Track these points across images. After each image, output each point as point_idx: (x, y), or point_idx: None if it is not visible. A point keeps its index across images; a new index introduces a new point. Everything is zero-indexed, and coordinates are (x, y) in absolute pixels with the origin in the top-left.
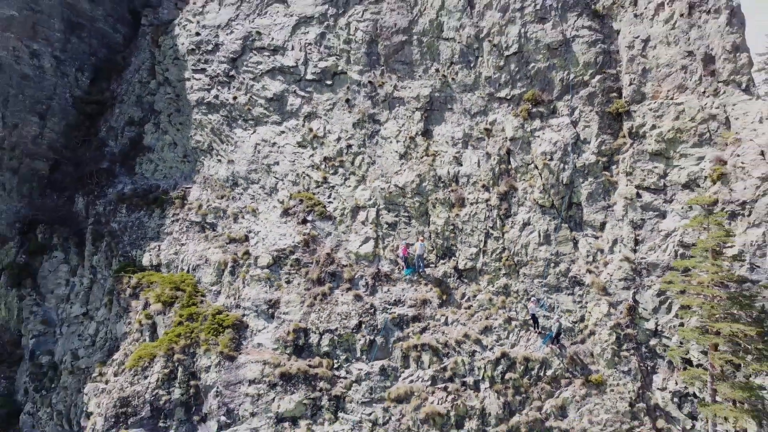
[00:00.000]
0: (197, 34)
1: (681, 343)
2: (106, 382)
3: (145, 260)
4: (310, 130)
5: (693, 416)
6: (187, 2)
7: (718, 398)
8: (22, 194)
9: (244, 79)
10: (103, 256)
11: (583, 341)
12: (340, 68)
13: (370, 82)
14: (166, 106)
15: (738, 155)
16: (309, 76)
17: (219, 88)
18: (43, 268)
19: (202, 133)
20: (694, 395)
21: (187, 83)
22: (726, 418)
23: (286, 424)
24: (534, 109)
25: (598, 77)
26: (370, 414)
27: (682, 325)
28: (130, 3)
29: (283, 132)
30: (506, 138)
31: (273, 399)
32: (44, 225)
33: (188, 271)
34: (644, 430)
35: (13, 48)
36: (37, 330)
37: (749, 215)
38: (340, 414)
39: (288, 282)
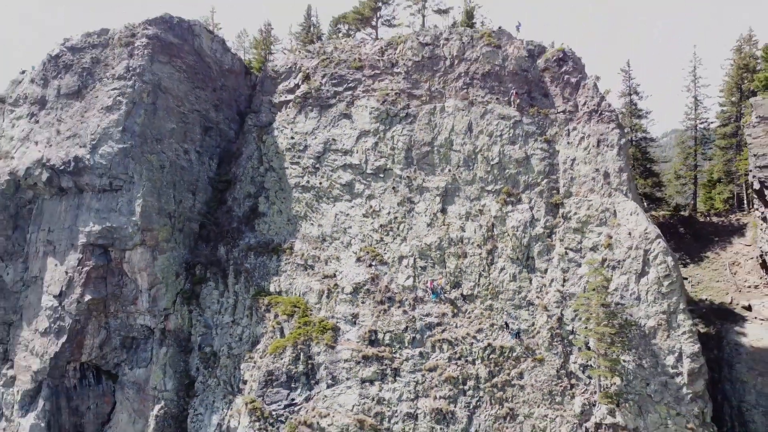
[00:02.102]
0: (291, 138)
1: (584, 337)
2: (255, 363)
3: (271, 288)
4: (371, 206)
5: (589, 377)
6: (280, 110)
7: (601, 366)
8: (185, 245)
9: (325, 170)
10: (243, 286)
11: (533, 336)
12: (388, 166)
13: (408, 176)
14: (273, 185)
15: (618, 233)
16: (368, 171)
17: (309, 176)
18: (202, 292)
19: (299, 206)
20: (590, 366)
21: (286, 170)
22: (606, 377)
23: (367, 384)
24: (508, 199)
25: (545, 180)
26: (414, 377)
27: (585, 328)
28: (238, 108)
29: (353, 207)
30: (491, 215)
31: (358, 369)
32: (200, 265)
33: (300, 296)
34: (563, 385)
35: (175, 149)
36: (201, 332)
37: (621, 268)
38: (397, 378)
39: (362, 302)
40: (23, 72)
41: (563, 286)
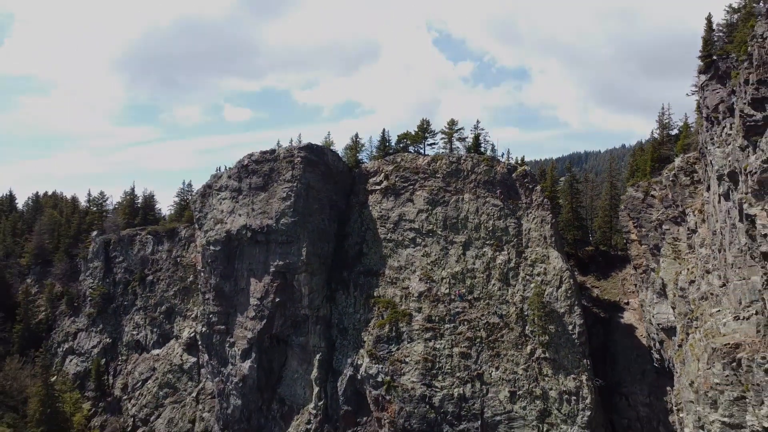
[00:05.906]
0: (379, 212)
1: (532, 317)
2: (369, 331)
3: (375, 294)
4: (425, 251)
5: (534, 336)
6: (371, 194)
7: (539, 330)
8: (326, 272)
9: (400, 231)
10: (359, 293)
11: (509, 318)
12: (434, 230)
13: (444, 235)
14: (370, 238)
15: (549, 267)
16: (424, 232)
17: (391, 233)
18: (336, 296)
19: (386, 250)
20: (534, 330)
21: (378, 230)
22: (541, 336)
23: (427, 341)
24: (497, 248)
25: (515, 239)
26: (451, 338)
27: (533, 313)
28: (345, 191)
29: (416, 251)
30: (489, 257)
31: (423, 334)
32: (334, 282)
33: (390, 298)
34: (522, 340)
35: (317, 220)
36: (337, 317)
37: (550, 284)
38: (442, 338)
39: (423, 302)
40: (218, 168)
41: (524, 293)
